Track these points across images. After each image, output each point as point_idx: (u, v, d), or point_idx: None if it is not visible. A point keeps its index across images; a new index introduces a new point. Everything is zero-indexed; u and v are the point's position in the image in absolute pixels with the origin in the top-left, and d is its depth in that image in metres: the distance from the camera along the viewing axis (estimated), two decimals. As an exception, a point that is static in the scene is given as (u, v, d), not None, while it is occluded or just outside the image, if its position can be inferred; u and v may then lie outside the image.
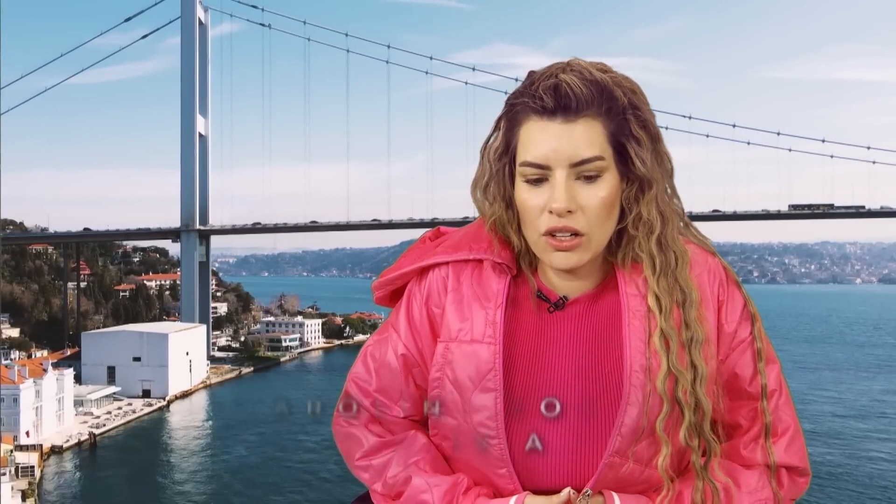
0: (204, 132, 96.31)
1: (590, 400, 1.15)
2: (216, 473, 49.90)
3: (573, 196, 1.12)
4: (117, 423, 62.59)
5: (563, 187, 1.11)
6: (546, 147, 1.12)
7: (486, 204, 1.23)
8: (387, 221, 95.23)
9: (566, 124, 1.12)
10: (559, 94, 1.12)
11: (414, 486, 1.18)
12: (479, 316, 1.19)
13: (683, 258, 1.18)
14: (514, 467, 1.15)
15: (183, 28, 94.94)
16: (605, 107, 1.13)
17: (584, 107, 1.12)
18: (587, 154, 1.12)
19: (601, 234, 1.15)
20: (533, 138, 1.13)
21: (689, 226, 1.24)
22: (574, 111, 1.12)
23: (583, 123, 1.12)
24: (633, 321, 1.15)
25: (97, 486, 47.20)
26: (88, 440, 57.11)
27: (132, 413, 65.80)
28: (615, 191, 1.15)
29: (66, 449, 54.72)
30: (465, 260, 1.23)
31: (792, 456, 1.19)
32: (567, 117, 1.12)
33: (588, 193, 1.12)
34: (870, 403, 67.14)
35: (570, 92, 1.12)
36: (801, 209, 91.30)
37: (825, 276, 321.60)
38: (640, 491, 1.16)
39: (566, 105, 1.12)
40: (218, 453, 54.69)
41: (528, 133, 1.14)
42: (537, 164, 1.13)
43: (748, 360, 1.20)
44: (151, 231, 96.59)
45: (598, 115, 1.13)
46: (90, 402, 64.31)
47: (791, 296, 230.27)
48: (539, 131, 1.13)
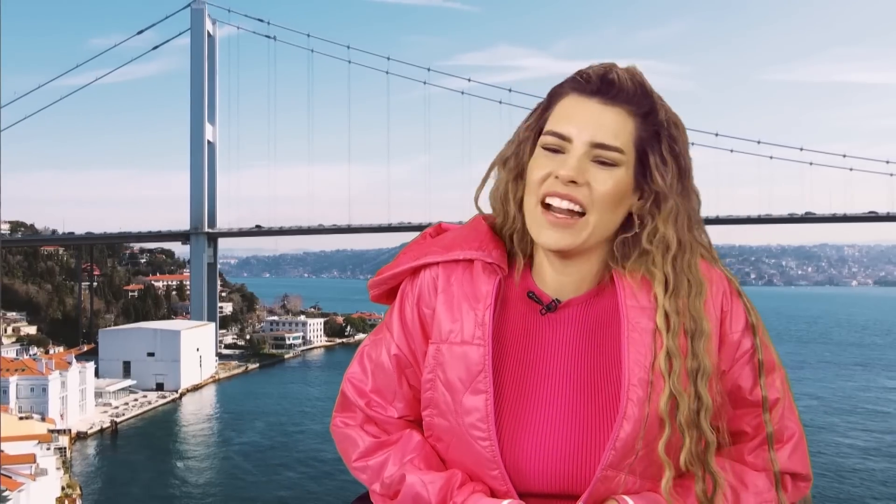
0: (212, 139, 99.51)
1: (584, 408, 1.14)
2: (228, 456, 53.93)
3: (583, 171, 1.11)
4: (135, 412, 66.79)
5: (577, 159, 1.11)
6: (573, 121, 1.12)
7: (498, 172, 1.23)
8: (387, 225, 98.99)
9: (602, 105, 1.12)
10: (605, 79, 1.13)
11: (409, 484, 1.17)
12: (468, 317, 1.17)
13: (699, 288, 1.16)
14: (505, 469, 1.14)
15: (192, 40, 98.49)
16: (643, 110, 1.13)
17: (623, 98, 1.12)
18: (609, 140, 1.11)
19: (600, 219, 1.13)
20: (565, 111, 1.14)
21: (715, 257, 1.22)
22: (613, 97, 1.12)
23: (616, 113, 1.12)
24: (633, 334, 1.13)
25: (122, 466, 51.52)
26: (110, 427, 61.41)
27: (148, 404, 69.92)
28: (624, 189, 1.14)
29: (90, 435, 59.00)
30: (455, 260, 1.21)
31: (795, 463, 1.19)
32: (605, 100, 1.12)
33: (598, 175, 1.12)
34: (843, 399, 69.62)
35: (616, 78, 1.13)
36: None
37: (822, 279, 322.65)
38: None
39: (607, 90, 1.12)
40: (229, 439, 58.67)
41: (564, 106, 1.15)
42: (560, 133, 1.12)
43: (751, 371, 1.19)
44: (162, 233, 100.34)
45: (633, 114, 1.13)
46: (108, 394, 68.26)
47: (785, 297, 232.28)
48: (574, 105, 1.14)
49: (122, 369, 76.09)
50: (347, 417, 1.28)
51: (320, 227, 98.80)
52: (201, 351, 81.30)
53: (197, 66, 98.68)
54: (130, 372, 75.67)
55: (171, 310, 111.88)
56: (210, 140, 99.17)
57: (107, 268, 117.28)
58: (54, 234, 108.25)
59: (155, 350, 76.79)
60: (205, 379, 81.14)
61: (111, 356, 77.42)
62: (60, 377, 59.33)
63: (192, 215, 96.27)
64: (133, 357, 76.68)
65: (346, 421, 1.27)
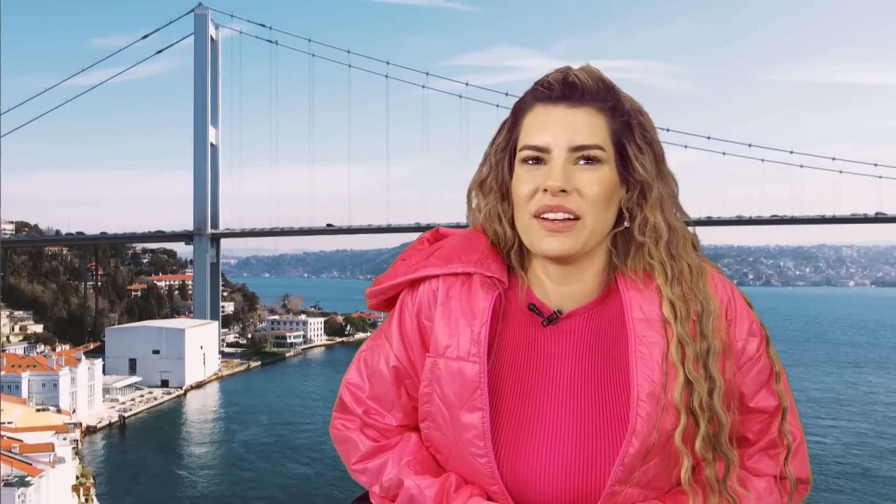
0: (215, 142, 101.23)
1: (590, 423, 1.12)
2: (232, 448, 55.85)
3: (569, 178, 1.10)
4: (141, 408, 68.69)
5: (560, 167, 1.10)
6: (547, 130, 1.11)
7: (480, 200, 1.22)
8: (386, 226, 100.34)
9: (570, 110, 1.12)
10: (566, 83, 1.13)
11: (406, 489, 1.17)
12: (465, 333, 1.16)
13: (699, 270, 1.16)
14: (505, 485, 1.13)
15: (196, 44, 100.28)
16: (609, 104, 1.13)
17: (589, 98, 1.13)
18: (588, 140, 1.11)
19: (596, 220, 1.12)
20: (535, 123, 1.13)
21: (698, 249, 1.21)
22: (578, 99, 1.12)
23: (586, 112, 1.12)
24: (640, 348, 1.11)
25: (132, 457, 53.49)
26: (118, 422, 63.41)
27: (154, 400, 71.81)
28: (612, 185, 1.13)
29: (99, 429, 60.96)
30: (455, 273, 1.19)
31: (796, 467, 1.19)
32: (571, 103, 1.12)
33: (585, 177, 1.11)
34: (826, 394, 71.10)
35: (576, 81, 1.13)
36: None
37: (819, 279, 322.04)
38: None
39: (571, 93, 1.12)
40: (233, 432, 60.56)
41: (532, 119, 1.14)
42: (536, 146, 1.12)
43: (754, 377, 1.19)
44: (166, 234, 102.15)
45: (602, 110, 1.13)
46: (115, 391, 70.08)
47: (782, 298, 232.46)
48: (542, 116, 1.13)
49: (128, 366, 77.88)
50: (347, 420, 1.28)
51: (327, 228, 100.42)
52: (205, 349, 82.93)
53: (200, 70, 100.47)
54: (136, 369, 77.43)
55: (174, 309, 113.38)
56: (213, 143, 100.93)
57: (110, 267, 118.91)
58: (58, 235, 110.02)
59: (160, 348, 78.53)
60: (208, 376, 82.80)
61: (117, 353, 79.09)
62: (70, 373, 61.19)
63: (195, 216, 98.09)
64: (139, 354, 78.38)
65: (345, 423, 1.27)
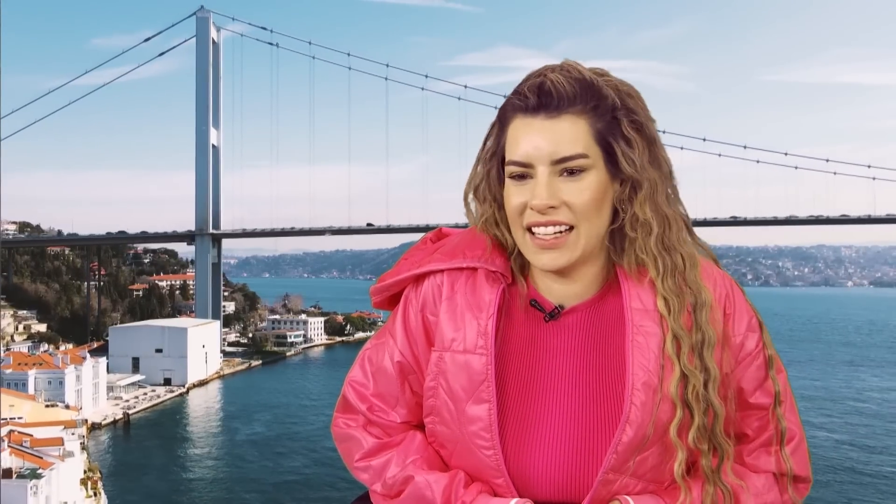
0: (216, 143, 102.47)
1: (589, 414, 1.14)
2: (235, 444, 57.03)
3: (555, 193, 1.10)
4: (145, 405, 69.95)
5: (544, 184, 1.10)
6: (528, 144, 1.11)
7: (476, 206, 1.22)
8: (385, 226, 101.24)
9: (548, 121, 1.10)
10: (542, 92, 1.11)
11: (414, 484, 1.18)
12: (471, 326, 1.17)
13: (692, 260, 1.16)
14: (510, 478, 1.14)
15: (198, 47, 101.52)
16: (591, 104, 1.11)
17: (567, 104, 1.11)
18: (569, 151, 1.10)
19: (589, 229, 1.12)
20: (517, 136, 1.12)
21: (692, 233, 1.21)
22: (556, 108, 1.10)
23: (566, 120, 1.10)
24: (637, 337, 1.12)
25: (136, 453, 54.73)
26: (122, 419, 64.59)
27: (157, 398, 73.09)
28: (601, 189, 1.12)
29: (104, 426, 62.12)
30: (459, 268, 1.21)
31: (796, 464, 1.19)
32: (549, 114, 1.10)
33: (571, 189, 1.10)
34: (819, 392, 72.07)
35: (552, 89, 1.11)
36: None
37: (818, 279, 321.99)
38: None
39: (548, 102, 1.11)
40: (235, 429, 61.72)
41: (514, 131, 1.13)
42: (520, 161, 1.11)
43: (753, 372, 1.19)
44: (168, 234, 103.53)
45: (583, 113, 1.11)
46: (119, 388, 71.42)
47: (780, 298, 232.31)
48: (523, 129, 1.12)
49: (132, 365, 78.97)
50: (350, 419, 1.28)
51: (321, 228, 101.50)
52: (207, 348, 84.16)
53: (202, 71, 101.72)
54: (139, 367, 78.64)
55: (176, 309, 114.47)
56: (214, 144, 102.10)
57: (112, 267, 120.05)
58: (60, 235, 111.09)
59: (163, 347, 79.77)
60: (210, 375, 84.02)
61: (121, 352, 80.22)
62: (76, 371, 62.34)
63: (196, 217, 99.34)
64: (142, 353, 79.60)
65: (348, 422, 1.28)
